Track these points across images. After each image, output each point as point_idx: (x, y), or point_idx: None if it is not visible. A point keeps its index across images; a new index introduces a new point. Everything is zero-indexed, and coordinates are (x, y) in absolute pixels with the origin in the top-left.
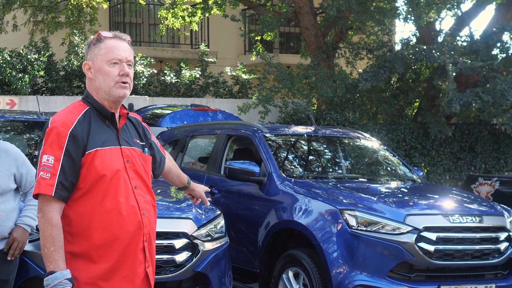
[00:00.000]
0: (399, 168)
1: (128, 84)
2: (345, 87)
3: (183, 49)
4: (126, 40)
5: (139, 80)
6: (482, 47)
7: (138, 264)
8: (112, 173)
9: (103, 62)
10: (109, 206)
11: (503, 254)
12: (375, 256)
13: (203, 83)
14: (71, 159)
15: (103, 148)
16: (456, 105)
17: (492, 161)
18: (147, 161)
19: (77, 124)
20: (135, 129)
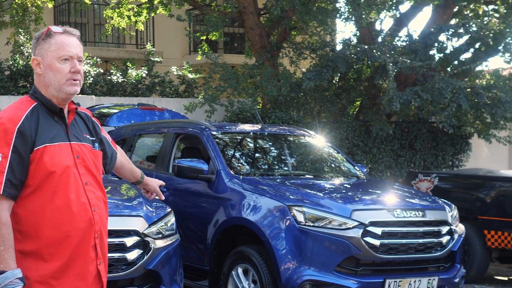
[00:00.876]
0: (343, 165)
1: (78, 81)
2: (289, 86)
3: (129, 49)
4: (75, 35)
5: (86, 79)
6: (420, 47)
7: (90, 261)
8: (61, 169)
9: (54, 59)
10: (59, 203)
11: (445, 247)
12: (323, 251)
13: (149, 83)
14: (19, 156)
15: (52, 144)
16: (396, 104)
17: (430, 158)
18: (97, 157)
19: (25, 120)
20: (85, 124)
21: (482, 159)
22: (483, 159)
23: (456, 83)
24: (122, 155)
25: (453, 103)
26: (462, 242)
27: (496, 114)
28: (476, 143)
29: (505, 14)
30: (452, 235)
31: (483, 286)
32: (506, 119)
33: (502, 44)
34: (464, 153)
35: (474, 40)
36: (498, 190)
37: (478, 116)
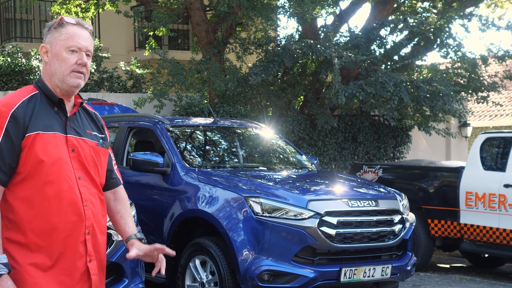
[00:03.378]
0: (294, 157)
1: (83, 75)
2: (236, 81)
3: None
4: (88, 29)
5: (35, 75)
6: (363, 42)
7: (78, 257)
8: (53, 159)
9: (62, 48)
10: (49, 194)
11: (398, 236)
12: (280, 241)
13: (97, 78)
14: (10, 141)
15: (45, 132)
16: (342, 97)
17: (373, 150)
18: (99, 154)
19: (20, 106)
20: (93, 121)
21: (421, 151)
22: (422, 151)
23: (398, 77)
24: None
25: (395, 96)
26: (413, 230)
27: (435, 106)
28: (415, 135)
29: (443, 10)
30: (404, 224)
31: (427, 274)
32: (444, 112)
33: (439, 40)
34: (405, 145)
35: (414, 35)
36: (440, 180)
37: (418, 109)
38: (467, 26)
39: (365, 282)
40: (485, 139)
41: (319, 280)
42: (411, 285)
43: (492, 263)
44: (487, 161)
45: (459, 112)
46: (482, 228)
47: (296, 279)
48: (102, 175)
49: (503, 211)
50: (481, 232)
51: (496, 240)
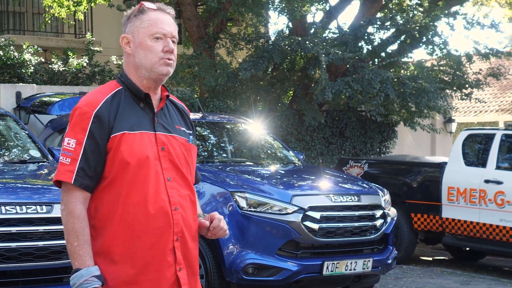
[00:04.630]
0: (281, 152)
1: (172, 61)
2: (227, 76)
3: (67, 38)
4: (170, 13)
5: (27, 68)
6: (350, 39)
7: (167, 266)
8: (139, 160)
9: (146, 36)
10: (135, 199)
11: (379, 230)
12: (265, 235)
13: (89, 72)
14: (95, 143)
15: (132, 132)
16: (328, 93)
17: (360, 145)
18: (190, 151)
19: (104, 105)
20: (181, 115)
21: (407, 146)
22: (408, 146)
23: (384, 74)
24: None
25: (381, 92)
26: (395, 225)
27: (420, 103)
28: (401, 131)
29: (428, 8)
30: (385, 219)
31: (410, 266)
32: (429, 108)
33: (425, 38)
34: (391, 140)
35: (400, 33)
36: (424, 175)
37: (404, 105)
38: (453, 25)
39: (347, 275)
40: (467, 135)
41: (302, 273)
42: (394, 278)
43: (474, 256)
44: (469, 157)
45: (444, 109)
46: (463, 222)
47: (280, 272)
48: (193, 174)
49: (483, 206)
50: (462, 226)
51: (476, 234)
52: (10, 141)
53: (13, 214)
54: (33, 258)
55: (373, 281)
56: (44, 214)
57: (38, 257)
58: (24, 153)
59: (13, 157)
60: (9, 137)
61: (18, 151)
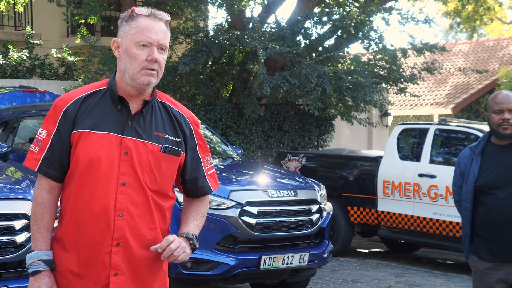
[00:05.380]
0: (219, 146)
1: (156, 72)
2: (166, 70)
3: (7, 30)
4: (163, 19)
5: None
6: (288, 33)
7: (103, 268)
8: (91, 160)
9: (132, 43)
10: (84, 197)
11: (315, 225)
12: (203, 230)
13: (29, 65)
14: (60, 137)
15: (93, 131)
16: (266, 88)
17: (298, 138)
18: (159, 160)
19: (76, 101)
20: (172, 123)
21: (344, 139)
22: (345, 139)
23: (321, 68)
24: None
25: (319, 87)
26: (330, 219)
27: (357, 97)
28: (338, 124)
29: (364, 4)
30: (321, 213)
31: (347, 259)
32: (366, 102)
33: (361, 33)
34: (328, 134)
35: (337, 28)
36: (360, 169)
37: (341, 99)
38: (388, 20)
39: (284, 269)
40: (401, 129)
41: (239, 268)
42: (330, 270)
43: (408, 248)
44: (403, 151)
45: (380, 103)
46: (398, 216)
47: (218, 267)
48: (163, 183)
49: (417, 199)
50: (397, 219)
51: (410, 227)
52: None
53: None
54: None
55: (309, 275)
56: None
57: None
58: None
59: None
60: None
61: None
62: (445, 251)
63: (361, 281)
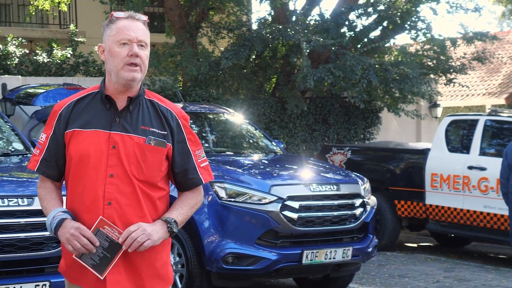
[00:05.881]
0: (261, 141)
1: (138, 67)
2: (209, 65)
3: (52, 29)
4: (140, 20)
5: (12, 60)
6: (332, 25)
7: None
8: (82, 156)
9: (113, 43)
10: (77, 190)
11: (359, 219)
12: (244, 225)
13: (73, 63)
14: (56, 139)
15: (82, 129)
16: (310, 81)
17: (343, 131)
18: (144, 151)
19: (69, 105)
20: (158, 117)
21: (392, 132)
22: (393, 132)
23: (366, 60)
24: (192, 195)
25: (364, 79)
26: (374, 213)
27: (404, 89)
28: (385, 116)
29: None
30: (365, 207)
31: (394, 253)
32: (413, 94)
33: (408, 22)
34: (375, 126)
35: (382, 19)
36: (407, 162)
37: (387, 91)
38: (436, 9)
39: (326, 264)
40: (450, 121)
41: (281, 262)
42: (377, 265)
43: (459, 243)
44: (452, 143)
45: (428, 94)
46: (447, 209)
47: (259, 262)
48: (150, 173)
49: (467, 192)
50: (446, 213)
51: (460, 220)
52: None
53: None
54: (15, 249)
55: (353, 269)
56: (25, 207)
57: (20, 248)
58: (7, 146)
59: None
60: None
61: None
62: (497, 245)
63: (408, 276)
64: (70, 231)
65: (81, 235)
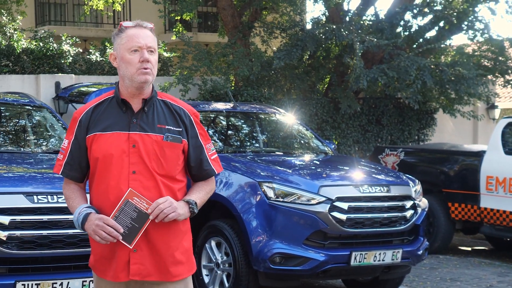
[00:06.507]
0: (312, 142)
1: (149, 70)
2: (261, 65)
3: (106, 28)
4: (147, 27)
5: (66, 59)
6: (386, 26)
7: (122, 246)
8: (104, 157)
9: (125, 51)
10: (102, 189)
11: (409, 221)
12: (292, 225)
13: None
14: (78, 143)
15: (103, 133)
16: (363, 81)
17: (397, 132)
18: (163, 148)
19: (88, 111)
20: (172, 115)
21: (447, 133)
22: (448, 133)
23: (421, 61)
24: (206, 184)
25: (418, 80)
26: (426, 216)
27: (460, 90)
28: (441, 117)
29: None
30: (416, 209)
31: (447, 256)
32: (469, 95)
33: (466, 22)
34: (430, 127)
35: (438, 19)
36: (461, 164)
37: (442, 92)
38: (494, 9)
39: (375, 266)
40: (507, 123)
41: (329, 264)
42: (428, 268)
43: None
44: (508, 145)
45: (485, 95)
46: (502, 213)
47: (307, 262)
48: (169, 167)
49: None
50: (501, 216)
51: None
52: (46, 132)
53: (44, 203)
54: (63, 245)
55: (403, 272)
56: None
57: (68, 244)
58: (59, 144)
59: (49, 147)
60: (45, 128)
61: (53, 141)
62: None
63: (461, 279)
64: (95, 222)
65: (105, 224)
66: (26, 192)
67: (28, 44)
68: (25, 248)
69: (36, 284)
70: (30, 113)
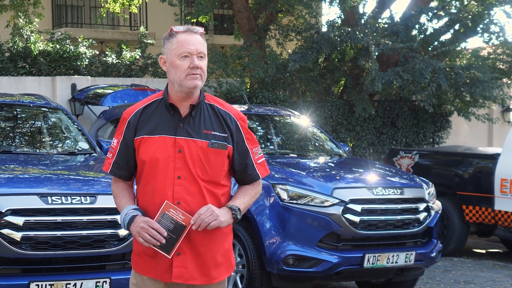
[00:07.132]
0: (326, 144)
1: (199, 75)
2: (276, 67)
3: (123, 30)
4: (198, 32)
5: (82, 61)
6: (402, 28)
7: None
8: (151, 160)
9: (175, 56)
10: (147, 190)
11: (422, 224)
12: (305, 227)
13: (142, 64)
14: (126, 144)
15: (150, 136)
16: (378, 84)
17: (412, 135)
18: (207, 154)
19: (137, 112)
20: (218, 121)
21: (462, 136)
22: (463, 136)
23: (436, 64)
24: (251, 188)
25: (433, 83)
26: (439, 218)
27: (475, 93)
28: (456, 120)
29: None
30: (429, 212)
31: (461, 259)
32: (484, 98)
33: (481, 25)
34: (444, 130)
35: (454, 22)
36: (476, 167)
37: (457, 95)
38: (509, 13)
39: (388, 268)
40: None
41: (342, 265)
42: (442, 270)
43: None
44: None
45: (500, 98)
46: None
47: (320, 264)
48: (213, 173)
49: None
50: None
51: None
52: (61, 133)
53: (58, 204)
54: (77, 246)
55: (417, 274)
56: (87, 205)
57: (82, 245)
58: (74, 145)
59: (64, 149)
60: (60, 130)
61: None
62: None
63: (474, 282)
64: (140, 224)
65: (149, 227)
66: (40, 193)
67: (44, 46)
68: (39, 248)
69: (50, 284)
70: (46, 114)
